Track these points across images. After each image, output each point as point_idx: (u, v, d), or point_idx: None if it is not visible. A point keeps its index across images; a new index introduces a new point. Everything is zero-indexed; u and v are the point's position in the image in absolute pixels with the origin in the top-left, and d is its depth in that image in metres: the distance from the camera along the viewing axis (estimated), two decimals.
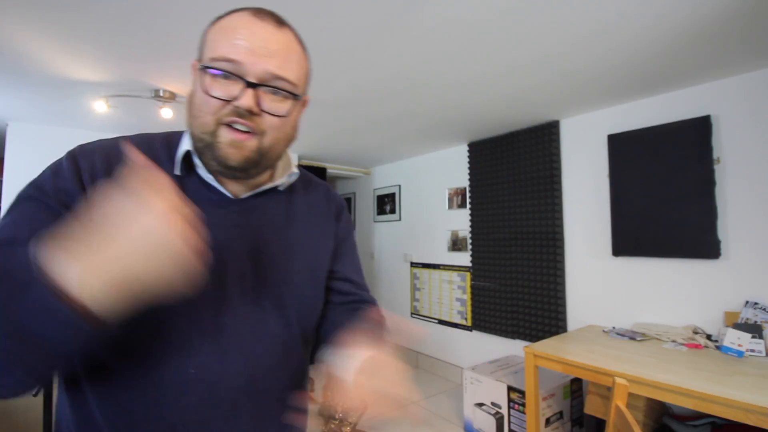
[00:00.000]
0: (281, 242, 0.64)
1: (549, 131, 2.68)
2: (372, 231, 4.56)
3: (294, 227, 0.67)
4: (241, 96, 0.52)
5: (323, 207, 0.74)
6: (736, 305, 1.89)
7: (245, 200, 0.62)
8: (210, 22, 0.59)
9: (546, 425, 2.14)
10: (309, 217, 0.70)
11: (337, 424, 2.22)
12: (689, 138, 2.03)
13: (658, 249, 2.13)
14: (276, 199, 0.66)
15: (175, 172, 0.59)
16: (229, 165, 0.55)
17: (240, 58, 0.52)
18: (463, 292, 3.32)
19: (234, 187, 0.61)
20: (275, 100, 0.56)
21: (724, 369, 1.53)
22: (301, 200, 0.70)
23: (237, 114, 0.53)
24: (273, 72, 0.54)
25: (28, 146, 2.74)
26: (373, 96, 2.24)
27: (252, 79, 0.53)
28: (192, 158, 0.59)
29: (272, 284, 0.61)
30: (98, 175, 0.54)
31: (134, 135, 0.63)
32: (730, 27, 1.51)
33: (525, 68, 1.87)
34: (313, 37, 1.58)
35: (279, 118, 0.56)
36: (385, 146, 3.50)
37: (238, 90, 0.52)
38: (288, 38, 0.58)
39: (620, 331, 2.12)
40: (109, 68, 1.86)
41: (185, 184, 0.58)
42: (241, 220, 0.61)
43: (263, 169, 0.60)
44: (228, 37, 0.53)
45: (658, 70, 1.88)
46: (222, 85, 0.53)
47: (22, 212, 0.50)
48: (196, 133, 0.55)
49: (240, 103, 0.52)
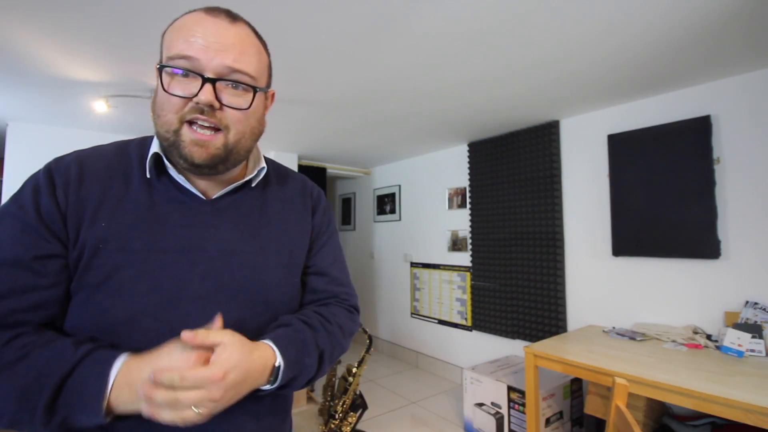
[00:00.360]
0: (255, 240, 0.64)
1: (549, 131, 2.68)
2: (372, 231, 4.56)
3: (268, 224, 0.67)
4: (200, 92, 0.53)
5: (298, 201, 0.74)
6: (736, 305, 1.89)
7: (217, 200, 0.63)
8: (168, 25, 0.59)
9: (546, 425, 2.14)
10: (283, 213, 0.70)
11: (336, 424, 2.22)
12: (689, 138, 2.03)
13: (658, 249, 2.13)
14: (249, 196, 0.67)
15: (146, 176, 0.60)
16: (195, 163, 0.56)
17: (195, 54, 0.53)
18: (463, 292, 3.32)
19: (205, 185, 0.62)
20: (235, 94, 0.56)
21: (724, 369, 1.53)
22: (274, 195, 0.70)
23: (198, 111, 0.54)
24: (230, 65, 0.54)
25: (28, 146, 2.74)
26: (373, 96, 2.24)
27: (209, 74, 0.53)
28: (162, 160, 0.59)
29: (245, 283, 0.61)
30: (71, 188, 0.56)
31: (109, 143, 0.64)
32: (730, 27, 1.51)
33: (525, 69, 1.87)
34: (313, 37, 1.58)
35: (241, 111, 0.57)
36: (385, 146, 3.50)
37: (197, 86, 0.53)
38: (243, 32, 0.58)
39: (620, 331, 2.12)
40: (109, 68, 1.86)
41: (156, 187, 0.60)
42: (214, 220, 0.62)
43: (232, 164, 0.61)
44: (183, 35, 0.54)
45: (658, 70, 1.88)
46: (181, 83, 0.54)
47: (5, 230, 0.54)
48: (161, 133, 0.56)
49: (199, 99, 0.53)
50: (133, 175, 0.60)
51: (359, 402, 2.29)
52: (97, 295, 0.54)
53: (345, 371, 2.37)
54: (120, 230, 0.56)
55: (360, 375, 2.29)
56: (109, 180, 0.58)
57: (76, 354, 0.49)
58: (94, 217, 0.56)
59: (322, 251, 0.75)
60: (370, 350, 2.35)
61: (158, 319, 0.55)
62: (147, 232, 0.57)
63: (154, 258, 0.56)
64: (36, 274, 0.52)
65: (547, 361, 1.82)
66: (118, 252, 0.55)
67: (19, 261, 0.52)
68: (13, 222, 0.53)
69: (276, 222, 0.68)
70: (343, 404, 2.23)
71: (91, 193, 0.57)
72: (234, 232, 0.62)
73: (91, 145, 0.65)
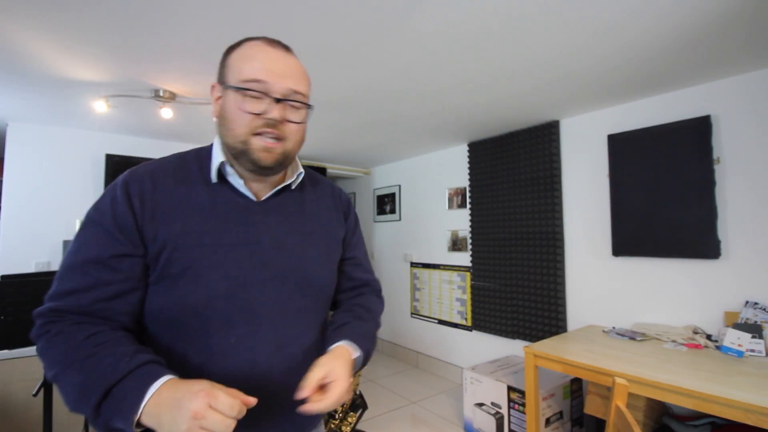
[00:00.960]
0: (298, 234, 0.77)
1: (549, 131, 2.68)
2: (372, 231, 4.56)
3: (307, 221, 0.80)
4: (271, 110, 0.66)
5: (330, 202, 0.87)
6: (736, 305, 1.89)
7: (266, 201, 0.75)
8: (226, 51, 0.72)
9: (546, 425, 2.14)
10: (319, 211, 0.84)
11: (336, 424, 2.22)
12: (689, 138, 2.03)
13: (658, 249, 2.13)
14: (291, 197, 0.79)
15: (209, 181, 0.72)
16: (262, 165, 0.69)
17: (265, 78, 0.66)
18: (463, 292, 3.32)
19: (257, 188, 0.75)
20: (294, 111, 0.70)
21: (724, 369, 1.53)
22: (311, 197, 0.83)
23: (267, 125, 0.67)
24: (291, 88, 0.68)
25: (28, 146, 2.74)
26: (374, 96, 2.24)
27: (277, 96, 0.67)
28: (225, 168, 0.71)
29: (293, 270, 0.74)
30: (146, 196, 0.68)
31: (170, 156, 0.76)
32: (730, 27, 1.51)
33: (526, 70, 1.86)
34: (314, 38, 1.58)
35: (297, 124, 0.70)
36: (385, 146, 3.50)
37: (266, 105, 0.66)
38: (295, 60, 0.72)
39: (620, 331, 2.12)
40: (109, 68, 1.86)
41: (217, 190, 0.72)
42: (265, 217, 0.74)
43: (285, 167, 0.75)
44: (251, 62, 0.67)
45: (659, 70, 1.88)
46: (252, 102, 0.66)
47: (89, 236, 0.66)
48: (231, 143, 0.68)
49: (273, 116, 0.66)
50: (196, 182, 0.72)
51: (359, 402, 2.29)
52: (179, 282, 0.66)
53: None
54: (193, 229, 0.68)
55: (360, 375, 2.29)
56: (176, 187, 0.70)
57: (129, 364, 0.57)
58: (169, 218, 0.67)
59: (357, 246, 0.92)
60: None
61: (229, 301, 0.67)
62: (214, 229, 0.69)
63: (221, 251, 0.68)
64: (113, 270, 0.64)
65: (547, 361, 1.82)
66: (193, 248, 0.67)
67: (100, 259, 0.64)
68: (96, 227, 0.66)
69: (314, 219, 0.81)
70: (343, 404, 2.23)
71: (164, 199, 0.69)
72: (281, 227, 0.75)
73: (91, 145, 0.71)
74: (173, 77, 1.98)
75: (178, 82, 2.05)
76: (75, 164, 2.85)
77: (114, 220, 0.65)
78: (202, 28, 1.50)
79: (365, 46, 1.65)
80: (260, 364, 0.68)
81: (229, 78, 0.68)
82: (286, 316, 0.72)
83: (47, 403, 1.78)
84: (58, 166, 2.81)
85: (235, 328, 0.67)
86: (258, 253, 0.71)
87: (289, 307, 0.72)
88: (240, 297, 0.68)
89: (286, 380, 0.70)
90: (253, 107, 0.66)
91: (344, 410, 2.24)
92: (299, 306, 0.74)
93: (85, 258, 0.64)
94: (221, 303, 0.67)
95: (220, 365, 0.66)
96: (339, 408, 2.24)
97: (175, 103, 2.28)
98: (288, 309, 0.72)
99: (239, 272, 0.68)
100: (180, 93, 2.18)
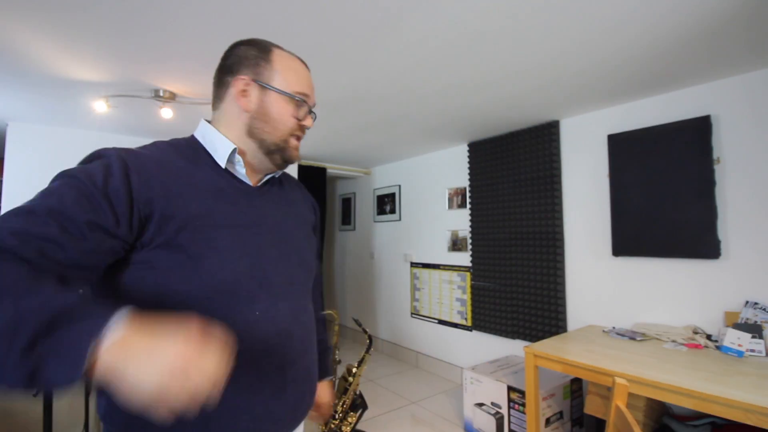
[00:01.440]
0: (289, 218, 0.86)
1: (549, 131, 2.68)
2: (372, 231, 4.56)
3: (291, 207, 0.89)
4: (308, 119, 0.82)
5: (299, 194, 0.97)
6: (736, 305, 1.89)
7: (260, 188, 0.82)
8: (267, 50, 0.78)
9: (546, 425, 2.14)
10: (296, 200, 0.94)
11: (336, 424, 2.22)
12: (689, 138, 2.03)
13: (658, 249, 2.13)
14: (276, 187, 0.87)
15: (217, 167, 0.76)
16: (292, 161, 0.82)
17: (309, 93, 0.81)
18: (463, 292, 3.32)
19: (252, 177, 0.82)
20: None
21: (724, 369, 1.53)
22: (287, 187, 0.93)
23: (302, 130, 0.82)
24: (315, 101, 0.84)
25: (28, 146, 2.74)
26: (374, 96, 2.24)
27: (312, 107, 0.83)
28: (234, 155, 0.76)
29: (293, 249, 0.82)
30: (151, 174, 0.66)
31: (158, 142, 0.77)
32: (730, 27, 1.51)
33: (526, 70, 1.86)
34: (314, 38, 1.58)
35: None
36: (385, 146, 3.50)
37: (304, 113, 0.81)
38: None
39: (620, 331, 2.12)
40: (109, 68, 1.86)
41: (224, 176, 0.76)
42: (263, 202, 0.81)
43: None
44: (299, 77, 0.80)
45: (659, 70, 1.88)
46: (300, 111, 0.80)
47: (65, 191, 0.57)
48: (271, 140, 0.78)
49: (308, 124, 0.82)
50: (203, 164, 0.75)
51: (359, 402, 2.29)
52: (203, 261, 0.66)
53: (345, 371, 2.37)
54: (210, 210, 0.70)
55: (360, 375, 2.29)
56: (187, 168, 0.72)
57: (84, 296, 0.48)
58: (184, 198, 0.67)
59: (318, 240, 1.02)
60: (370, 350, 2.34)
61: (252, 277, 0.72)
62: (227, 211, 0.73)
63: (237, 232, 0.72)
64: (81, 236, 0.56)
65: (547, 361, 1.82)
66: (210, 228, 0.69)
67: (70, 218, 0.55)
68: (81, 188, 0.58)
69: (295, 206, 0.91)
70: (343, 404, 2.23)
71: (176, 179, 0.69)
72: (278, 211, 0.83)
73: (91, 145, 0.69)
74: (173, 77, 1.98)
75: (178, 82, 2.05)
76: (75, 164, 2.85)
77: (104, 189, 0.59)
78: (202, 29, 1.50)
79: (366, 47, 1.65)
80: (282, 333, 0.74)
81: (275, 81, 0.77)
82: (294, 289, 0.80)
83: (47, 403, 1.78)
84: (58, 166, 2.78)
85: (258, 303, 0.72)
86: (265, 233, 0.77)
87: (295, 281, 0.81)
88: (260, 273, 0.73)
89: (304, 347, 0.80)
90: (299, 114, 0.79)
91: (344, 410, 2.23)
92: (301, 280, 0.83)
93: (50, 207, 0.55)
94: (246, 279, 0.71)
95: (245, 339, 0.67)
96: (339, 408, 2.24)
97: (175, 103, 2.28)
98: (294, 283, 0.80)
99: (255, 250, 0.73)
100: (180, 93, 2.18)
